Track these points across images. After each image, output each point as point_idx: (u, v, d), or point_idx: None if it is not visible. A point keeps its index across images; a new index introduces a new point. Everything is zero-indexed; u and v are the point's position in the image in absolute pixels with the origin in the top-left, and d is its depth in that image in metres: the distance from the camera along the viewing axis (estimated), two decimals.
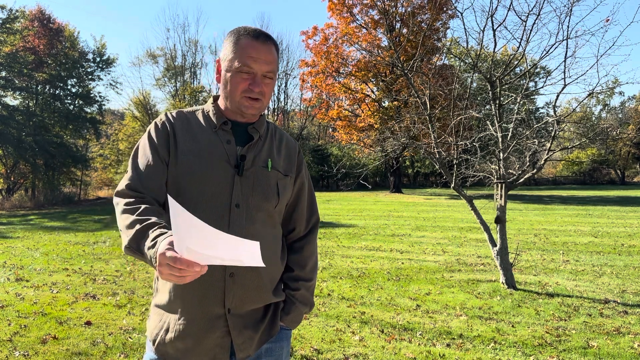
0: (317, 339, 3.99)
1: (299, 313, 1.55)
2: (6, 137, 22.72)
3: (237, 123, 1.49)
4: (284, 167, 1.52)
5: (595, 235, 10.46)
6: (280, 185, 1.48)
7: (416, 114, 7.63)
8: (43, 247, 9.31)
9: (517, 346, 3.86)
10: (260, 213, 1.44)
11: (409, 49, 22.44)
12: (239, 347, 1.41)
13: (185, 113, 1.51)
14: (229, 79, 1.42)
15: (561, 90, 5.72)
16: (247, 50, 1.39)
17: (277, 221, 1.52)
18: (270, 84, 1.44)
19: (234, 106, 1.45)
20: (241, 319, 1.42)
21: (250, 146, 1.46)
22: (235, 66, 1.40)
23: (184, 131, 1.46)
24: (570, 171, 44.84)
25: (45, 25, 26.75)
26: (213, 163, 1.41)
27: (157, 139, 1.44)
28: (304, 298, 1.56)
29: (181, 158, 1.41)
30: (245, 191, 1.41)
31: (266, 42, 1.42)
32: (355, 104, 30.18)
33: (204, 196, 1.38)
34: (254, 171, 1.44)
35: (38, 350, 3.75)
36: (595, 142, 7.55)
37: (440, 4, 21.25)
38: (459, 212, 16.63)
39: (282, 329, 1.53)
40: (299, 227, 1.61)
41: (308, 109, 38.89)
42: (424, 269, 6.97)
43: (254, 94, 1.41)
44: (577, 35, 5.52)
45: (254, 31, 1.43)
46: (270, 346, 1.49)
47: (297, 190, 1.58)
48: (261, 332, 1.46)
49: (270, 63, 1.42)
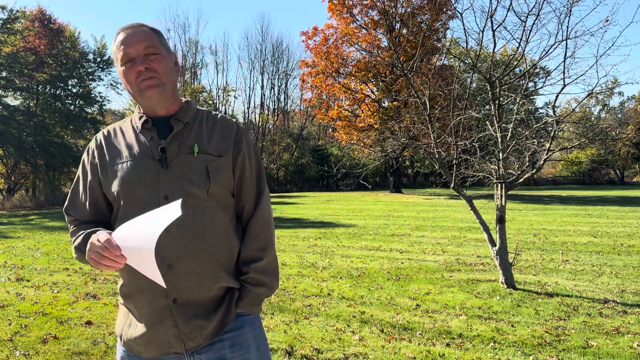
0: (317, 339, 4.01)
1: (254, 296, 1.49)
2: (7, 137, 22.74)
3: (159, 118, 1.50)
4: (216, 148, 1.48)
5: (595, 235, 10.47)
6: (212, 167, 1.45)
7: (416, 114, 7.64)
8: (44, 246, 9.33)
9: (517, 346, 3.87)
10: (191, 199, 1.41)
11: (408, 49, 22.45)
12: (187, 337, 1.42)
13: (115, 127, 1.58)
14: (123, 77, 1.46)
15: (561, 90, 5.73)
16: (120, 42, 1.43)
17: (216, 206, 1.47)
18: (157, 59, 1.44)
19: (140, 97, 1.46)
20: (190, 308, 1.42)
21: (173, 136, 1.46)
22: (119, 61, 1.44)
23: (110, 145, 1.52)
24: (569, 171, 44.87)
25: (45, 26, 26.78)
26: (138, 162, 1.45)
27: (86, 167, 1.55)
28: (255, 280, 1.50)
29: (110, 167, 1.48)
30: (172, 181, 1.42)
31: (134, 27, 1.45)
32: (355, 104, 30.20)
33: (135, 195, 1.43)
34: (179, 160, 1.44)
35: (39, 350, 3.76)
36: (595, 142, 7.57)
37: (440, 4, 21.27)
38: (459, 212, 16.64)
39: (242, 315, 1.50)
40: (248, 205, 1.55)
41: (308, 109, 38.95)
42: (424, 269, 6.98)
43: (143, 73, 1.41)
44: (576, 36, 5.54)
45: (123, 26, 1.47)
46: (231, 334, 1.47)
47: (240, 168, 1.52)
48: (215, 321, 1.44)
49: (145, 40, 1.43)
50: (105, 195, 1.51)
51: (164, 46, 1.49)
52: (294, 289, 5.77)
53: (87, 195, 1.54)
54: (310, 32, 29.46)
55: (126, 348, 1.50)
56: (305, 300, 5.26)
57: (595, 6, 5.48)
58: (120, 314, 1.55)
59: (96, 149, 1.54)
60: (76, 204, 1.56)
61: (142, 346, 1.45)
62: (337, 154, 37.72)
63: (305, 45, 29.94)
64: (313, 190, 36.71)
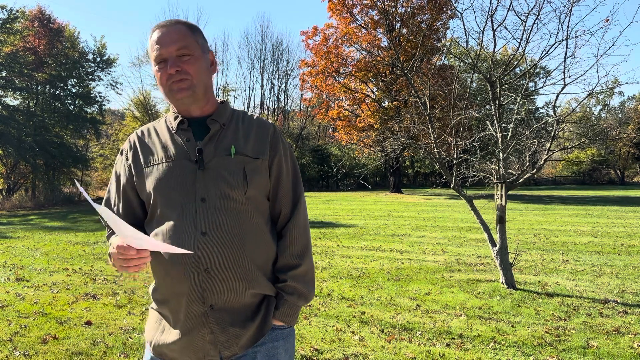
0: (317, 339, 4.00)
1: (290, 306, 1.45)
2: (6, 137, 22.72)
3: (195, 119, 1.46)
4: (253, 149, 1.44)
5: (595, 235, 10.46)
6: (249, 169, 1.41)
7: (416, 114, 7.63)
8: (43, 247, 9.32)
9: (517, 346, 3.86)
10: (229, 202, 1.39)
11: (408, 49, 22.44)
12: (224, 345, 1.38)
13: (149, 127, 1.55)
14: (156, 77, 1.43)
15: (561, 90, 5.72)
16: (154, 41, 1.40)
17: (253, 209, 1.43)
18: (190, 60, 1.39)
19: (172, 99, 1.44)
20: (227, 315, 1.38)
21: (210, 138, 1.43)
22: (153, 61, 1.42)
23: (144, 146, 1.49)
24: (570, 171, 44.87)
25: (45, 26, 26.76)
26: (174, 164, 1.42)
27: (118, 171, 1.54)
28: (293, 289, 1.45)
29: (145, 171, 1.45)
30: (208, 183, 1.39)
31: (169, 25, 1.41)
32: (355, 104, 30.20)
33: (171, 197, 1.40)
34: (216, 161, 1.40)
35: (38, 350, 3.75)
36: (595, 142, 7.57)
37: (440, 4, 21.26)
38: (459, 212, 16.63)
39: (277, 329, 1.45)
40: (285, 209, 1.50)
41: (308, 109, 38.91)
42: (424, 269, 6.98)
43: (174, 76, 1.38)
44: (577, 36, 5.53)
45: (159, 23, 1.43)
46: (263, 347, 1.42)
47: (277, 170, 1.48)
48: (251, 330, 1.40)
49: (177, 40, 1.39)
50: (139, 196, 1.48)
51: (199, 45, 1.44)
52: None
53: (119, 197, 1.52)
54: (310, 31, 29.45)
55: (157, 355, 1.45)
56: None
57: (596, 6, 5.48)
58: (151, 320, 1.50)
59: (130, 150, 1.51)
60: (110, 205, 1.56)
61: (177, 352, 1.41)
62: (337, 154, 37.71)
63: (305, 45, 29.95)
64: (313, 190, 36.68)
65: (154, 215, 1.45)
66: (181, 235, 1.37)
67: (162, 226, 1.40)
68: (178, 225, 1.38)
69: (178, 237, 1.37)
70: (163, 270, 1.40)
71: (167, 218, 1.39)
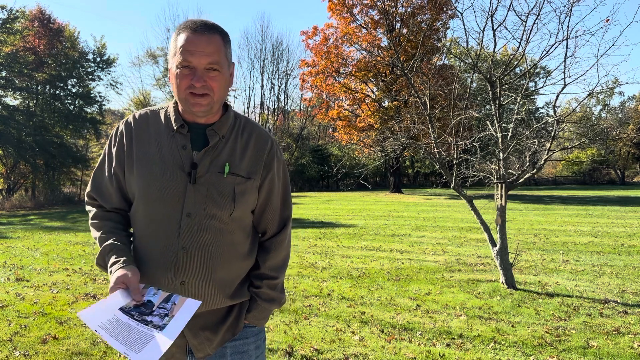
0: (317, 339, 4.00)
1: (262, 310, 1.51)
2: (6, 137, 22.73)
3: (196, 125, 1.43)
4: (247, 169, 1.44)
5: (595, 235, 10.46)
6: (238, 190, 1.41)
7: (416, 114, 7.63)
8: (43, 247, 9.32)
9: (517, 346, 3.86)
10: (214, 222, 1.39)
11: (408, 49, 22.44)
12: (196, 348, 1.43)
13: (148, 113, 1.49)
14: (173, 76, 1.37)
15: (561, 90, 5.72)
16: (184, 44, 1.32)
17: (235, 228, 1.44)
18: (216, 77, 1.35)
19: (184, 106, 1.39)
20: (199, 320, 1.41)
21: (206, 151, 1.41)
22: (176, 63, 1.34)
23: (141, 136, 1.45)
24: (570, 171, 44.86)
25: (45, 26, 26.74)
26: (167, 170, 1.40)
27: (112, 150, 1.49)
28: (267, 296, 1.51)
29: (137, 164, 1.42)
30: (198, 199, 1.38)
31: (205, 33, 1.33)
32: (355, 104, 30.19)
33: (157, 203, 1.38)
34: (208, 178, 1.39)
35: (38, 350, 3.75)
36: (595, 142, 7.56)
37: (440, 4, 21.26)
38: (459, 212, 16.63)
39: (248, 326, 1.51)
40: (271, 227, 1.53)
41: (308, 109, 38.89)
42: (424, 269, 6.97)
43: (197, 89, 1.33)
44: (577, 36, 5.53)
45: (193, 23, 1.35)
46: (234, 343, 1.47)
47: (267, 190, 1.49)
48: (222, 332, 1.45)
49: (211, 54, 1.33)
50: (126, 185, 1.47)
51: (227, 59, 1.39)
52: (294, 289, 5.76)
53: (112, 181, 1.48)
54: (310, 31, 29.46)
55: None
56: (305, 300, 5.25)
57: (596, 6, 5.48)
58: None
59: (125, 136, 1.46)
60: (102, 189, 1.49)
61: None
62: (337, 154, 37.72)
63: (305, 44, 29.97)
64: (313, 190, 36.68)
65: (136, 214, 1.46)
66: (161, 246, 1.39)
67: (144, 231, 1.42)
68: (160, 235, 1.40)
69: (158, 246, 1.40)
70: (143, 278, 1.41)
71: (150, 224, 1.40)
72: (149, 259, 1.41)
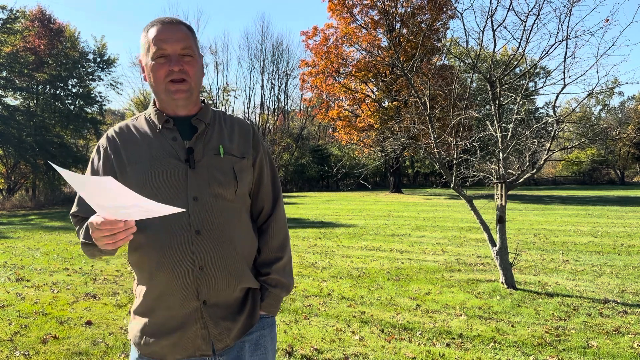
0: (317, 339, 4.00)
1: (274, 297, 1.53)
2: (7, 137, 22.74)
3: (180, 118, 1.47)
4: (239, 149, 1.49)
5: (595, 235, 10.47)
6: (237, 168, 1.46)
7: (416, 114, 7.63)
8: (43, 247, 9.33)
9: (517, 346, 3.87)
10: (221, 201, 1.42)
11: (408, 49, 22.45)
12: (216, 338, 1.43)
13: (127, 124, 1.52)
14: (149, 71, 1.41)
15: (561, 90, 5.73)
16: (157, 35, 1.40)
17: (241, 206, 1.49)
18: (191, 62, 1.41)
19: (165, 97, 1.42)
20: (218, 310, 1.43)
21: (197, 137, 1.44)
22: (151, 55, 1.40)
23: (127, 143, 1.46)
24: (569, 171, 44.89)
25: (45, 26, 26.76)
26: (163, 163, 1.41)
27: (98, 166, 1.48)
28: (276, 281, 1.54)
29: (129, 169, 1.43)
30: (200, 182, 1.41)
31: (173, 24, 1.42)
32: (355, 104, 30.21)
33: (162, 197, 1.36)
34: (206, 161, 1.43)
35: (39, 350, 3.76)
36: (595, 142, 7.57)
37: (440, 4, 21.26)
38: (459, 212, 16.63)
39: (263, 317, 1.53)
40: (267, 205, 1.58)
41: (308, 109, 38.92)
42: (424, 269, 6.98)
43: (176, 74, 1.38)
44: (576, 36, 5.53)
45: (161, 18, 1.44)
46: (252, 336, 1.49)
47: (259, 170, 1.55)
48: (241, 322, 1.47)
49: (182, 40, 1.40)
50: None
51: (197, 48, 1.47)
52: (294, 289, 5.76)
53: None
54: (311, 31, 29.47)
55: (146, 353, 1.45)
56: (305, 300, 5.26)
57: (596, 6, 5.48)
58: (135, 321, 1.49)
59: (109, 147, 1.47)
60: (87, 206, 1.47)
61: (168, 348, 1.42)
62: (337, 154, 37.74)
63: (305, 45, 29.99)
64: (313, 190, 36.70)
65: None
66: (175, 233, 1.39)
67: (153, 224, 1.39)
68: (171, 225, 1.39)
69: (171, 234, 1.39)
70: (155, 267, 1.40)
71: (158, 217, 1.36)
72: (162, 247, 1.39)
